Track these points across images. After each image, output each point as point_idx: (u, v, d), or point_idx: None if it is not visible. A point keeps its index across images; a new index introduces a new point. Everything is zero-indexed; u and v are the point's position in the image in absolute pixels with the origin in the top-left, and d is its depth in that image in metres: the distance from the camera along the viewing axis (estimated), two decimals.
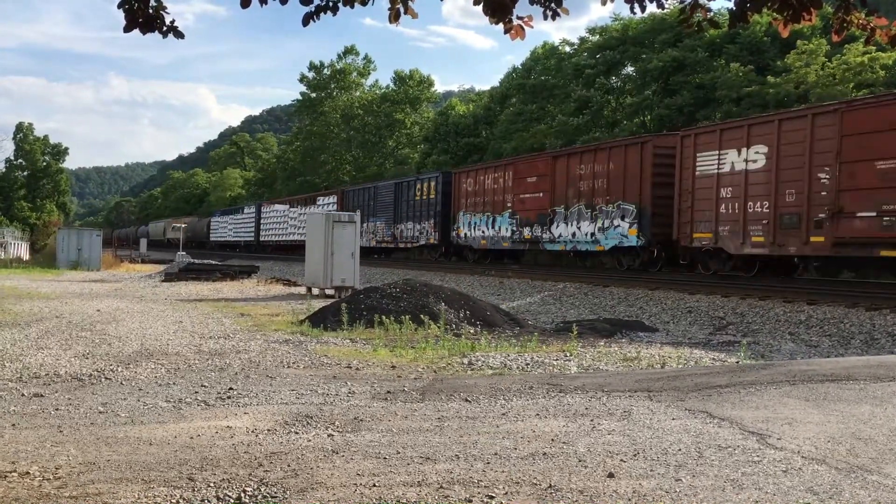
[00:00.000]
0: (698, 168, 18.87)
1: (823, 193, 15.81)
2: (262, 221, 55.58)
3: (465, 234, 29.93)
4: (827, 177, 15.76)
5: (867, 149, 14.99)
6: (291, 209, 49.11)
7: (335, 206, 40.67)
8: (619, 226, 21.75)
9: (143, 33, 4.38)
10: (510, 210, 26.76)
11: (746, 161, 17.61)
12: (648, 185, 20.71)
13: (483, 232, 28.49)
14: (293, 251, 48.39)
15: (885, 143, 14.69)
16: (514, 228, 26.48)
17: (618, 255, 22.89)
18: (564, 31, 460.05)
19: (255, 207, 58.50)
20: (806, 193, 16.15)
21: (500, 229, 27.35)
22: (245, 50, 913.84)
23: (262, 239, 55.26)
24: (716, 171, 18.38)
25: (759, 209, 17.30)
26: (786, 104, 27.72)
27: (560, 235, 24.20)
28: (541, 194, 25.09)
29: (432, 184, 32.31)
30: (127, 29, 4.34)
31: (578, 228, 23.37)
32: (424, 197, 32.86)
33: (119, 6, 4.31)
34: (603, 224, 22.33)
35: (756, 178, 17.37)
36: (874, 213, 14.83)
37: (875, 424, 5.02)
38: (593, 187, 22.69)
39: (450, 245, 31.59)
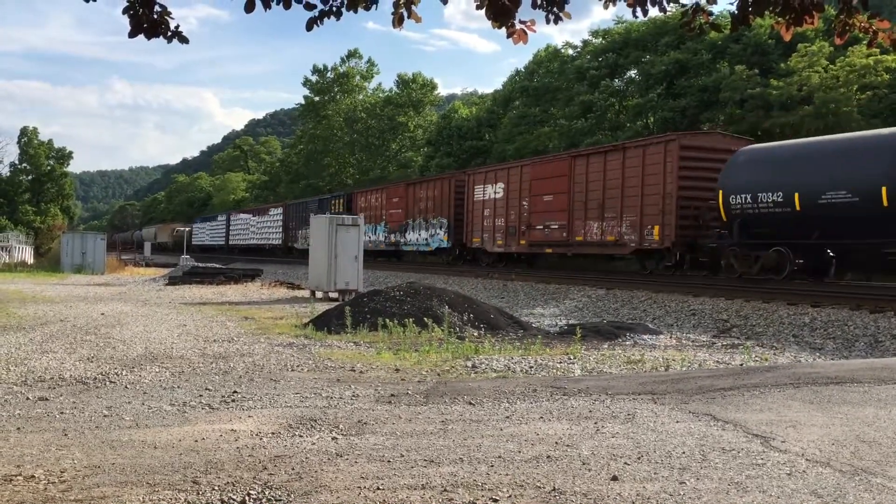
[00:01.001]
0: (474, 196, 28.29)
1: (525, 214, 25.18)
2: (231, 228, 62.04)
3: None
4: (526, 204, 25.19)
5: (540, 188, 24.45)
6: (253, 217, 56.30)
7: (282, 217, 49.03)
8: (438, 233, 30.95)
9: (149, 38, 4.39)
10: (385, 221, 35.87)
11: (495, 193, 27.02)
12: (452, 206, 29.98)
13: (370, 237, 36.40)
14: (255, 253, 55.31)
15: (547, 185, 24.17)
16: (386, 234, 35.69)
17: (440, 254, 32.14)
18: (567, 34, 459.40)
19: (225, 216, 65.57)
20: (518, 214, 25.58)
21: (379, 235, 36.42)
22: (248, 54, 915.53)
23: (231, 243, 61.87)
24: (482, 198, 27.80)
25: (500, 223, 26.71)
26: (789, 106, 27.69)
27: (410, 240, 33.53)
28: (401, 210, 34.21)
29: (341, 201, 41.26)
30: (132, 34, 4.35)
31: (419, 235, 32.54)
32: (336, 211, 40.20)
33: (124, 11, 4.32)
34: (431, 232, 31.48)
35: (499, 204, 26.75)
36: (542, 227, 24.39)
37: (879, 427, 5.01)
38: (427, 206, 31.89)
39: None
